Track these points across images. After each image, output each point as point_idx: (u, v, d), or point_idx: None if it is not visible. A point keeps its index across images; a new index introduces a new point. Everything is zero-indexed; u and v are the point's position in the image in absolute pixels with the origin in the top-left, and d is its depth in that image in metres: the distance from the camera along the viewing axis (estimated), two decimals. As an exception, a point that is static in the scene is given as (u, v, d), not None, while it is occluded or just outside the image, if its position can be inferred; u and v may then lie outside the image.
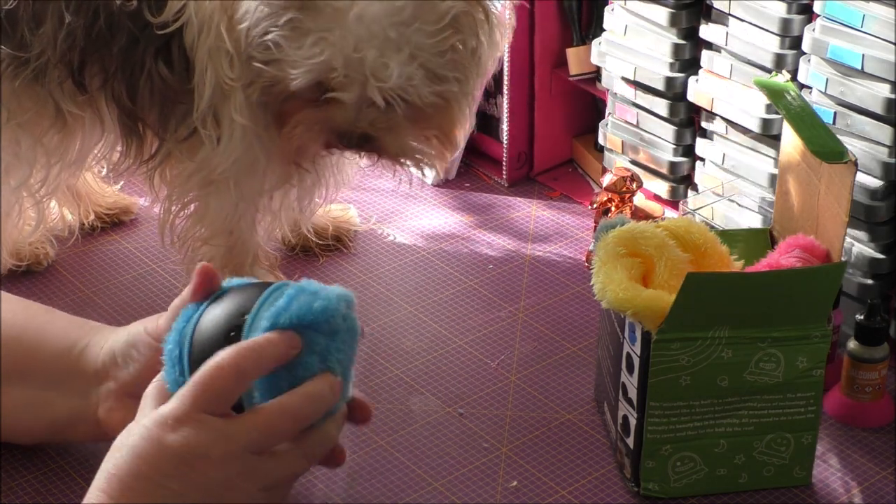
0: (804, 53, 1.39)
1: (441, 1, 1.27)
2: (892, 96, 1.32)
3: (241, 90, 1.32)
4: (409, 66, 1.26)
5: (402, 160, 1.35)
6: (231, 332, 1.07)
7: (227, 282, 1.12)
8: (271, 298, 1.07)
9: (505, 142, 1.70)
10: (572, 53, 1.67)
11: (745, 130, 1.48)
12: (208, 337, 1.07)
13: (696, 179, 1.55)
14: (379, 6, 1.25)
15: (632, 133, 1.60)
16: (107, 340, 1.19)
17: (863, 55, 1.32)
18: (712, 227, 1.48)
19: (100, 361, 1.19)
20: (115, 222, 1.61)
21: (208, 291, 1.11)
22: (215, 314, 1.09)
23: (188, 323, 1.09)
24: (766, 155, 1.47)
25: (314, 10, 1.26)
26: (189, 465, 1.03)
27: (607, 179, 1.52)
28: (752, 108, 1.45)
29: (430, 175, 1.45)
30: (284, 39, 1.27)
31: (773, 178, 1.45)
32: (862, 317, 1.30)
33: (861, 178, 1.34)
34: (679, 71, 1.52)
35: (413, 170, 1.40)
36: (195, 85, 1.32)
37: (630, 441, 1.22)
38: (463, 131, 1.38)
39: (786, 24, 1.40)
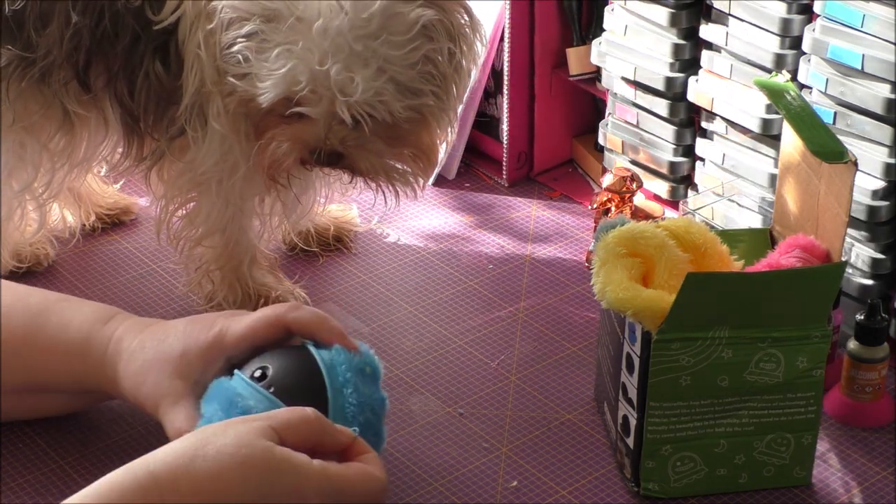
0: (804, 53, 1.39)
1: (409, 10, 1.23)
2: (892, 96, 1.32)
3: (220, 97, 1.31)
4: (378, 80, 1.23)
5: (375, 178, 1.32)
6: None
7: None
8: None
9: (505, 142, 1.70)
10: (572, 53, 1.67)
11: (745, 130, 1.48)
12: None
13: (696, 179, 1.55)
14: (344, 18, 1.22)
15: (632, 133, 1.60)
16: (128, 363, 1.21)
17: (863, 55, 1.32)
18: (712, 227, 1.48)
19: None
20: (115, 223, 1.61)
21: None
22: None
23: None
24: (766, 155, 1.47)
25: (277, 20, 1.24)
26: (289, 490, 1.05)
27: (607, 179, 1.52)
28: (752, 108, 1.45)
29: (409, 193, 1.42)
30: (250, 52, 1.25)
31: (773, 178, 1.45)
32: (862, 317, 1.30)
33: (861, 178, 1.34)
34: (679, 71, 1.52)
35: (388, 189, 1.35)
36: (183, 80, 1.32)
37: (630, 441, 1.22)
38: (441, 148, 1.35)
39: (786, 24, 1.40)
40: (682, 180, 1.59)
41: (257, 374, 1.15)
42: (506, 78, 1.66)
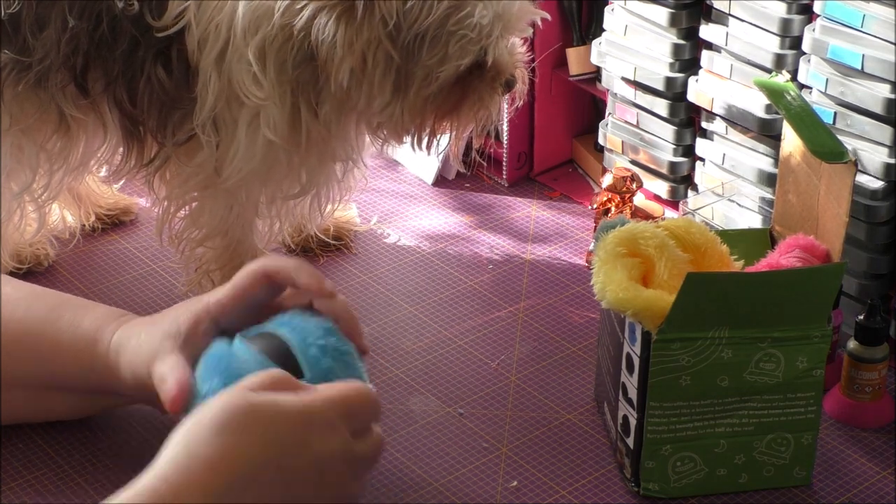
0: (804, 53, 1.39)
1: None
2: (892, 96, 1.32)
3: (277, 107, 1.31)
4: None
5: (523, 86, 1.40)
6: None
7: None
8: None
9: (505, 142, 1.70)
10: (572, 53, 1.67)
11: (745, 130, 1.48)
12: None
13: (696, 179, 1.56)
14: None
15: (632, 133, 1.60)
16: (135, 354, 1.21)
17: (863, 55, 1.32)
18: (712, 227, 1.48)
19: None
20: (115, 223, 1.61)
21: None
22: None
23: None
24: (766, 155, 1.47)
25: None
26: (305, 444, 1.06)
27: (607, 179, 1.52)
28: (752, 108, 1.45)
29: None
30: (455, 23, 1.27)
31: (773, 178, 1.45)
32: (862, 317, 1.30)
33: (861, 178, 1.34)
34: (679, 71, 1.52)
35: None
36: (198, 92, 1.32)
37: (630, 441, 1.22)
38: None
39: (786, 24, 1.40)
40: (682, 180, 1.59)
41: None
42: (506, 78, 1.66)
